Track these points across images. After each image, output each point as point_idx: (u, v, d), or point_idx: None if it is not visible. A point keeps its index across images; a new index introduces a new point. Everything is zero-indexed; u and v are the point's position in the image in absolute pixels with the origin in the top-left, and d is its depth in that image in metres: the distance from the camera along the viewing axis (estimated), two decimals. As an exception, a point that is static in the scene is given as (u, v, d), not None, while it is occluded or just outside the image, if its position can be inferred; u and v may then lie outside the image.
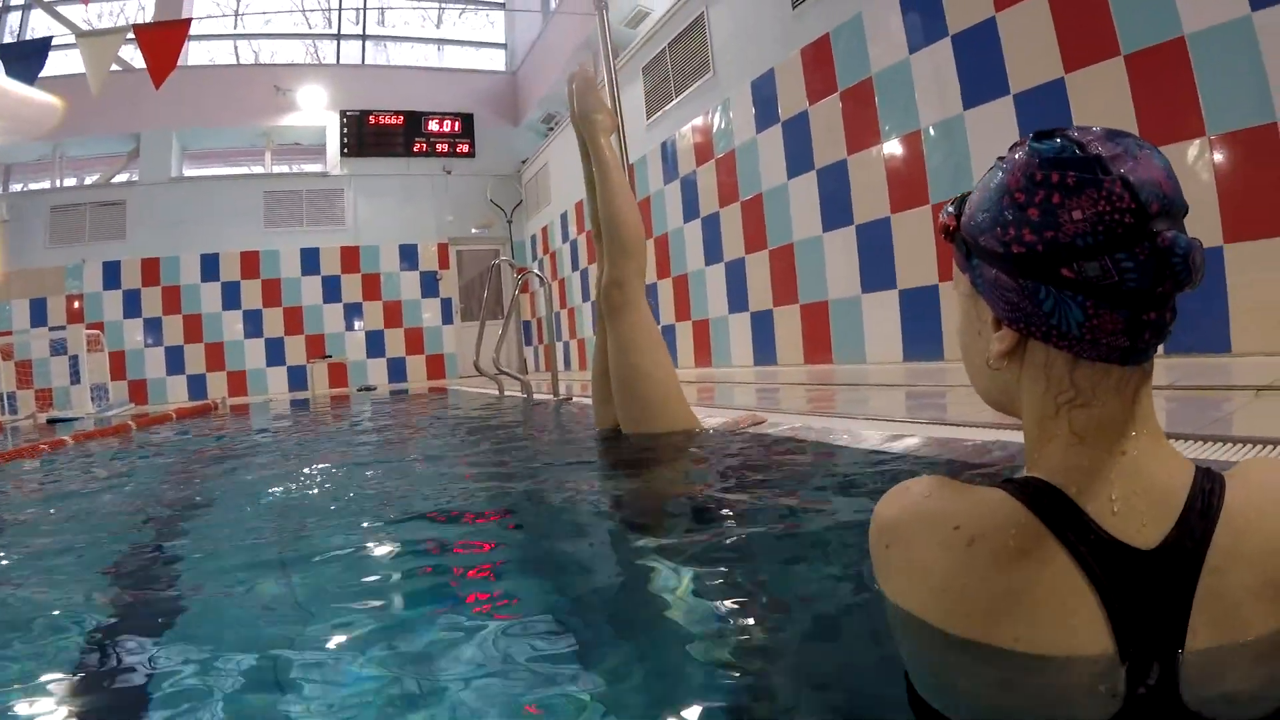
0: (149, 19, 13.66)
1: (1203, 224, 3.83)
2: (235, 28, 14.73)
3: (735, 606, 1.27)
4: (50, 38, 7.06)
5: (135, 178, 13.60)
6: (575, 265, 12.26)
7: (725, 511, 1.93)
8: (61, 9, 12.60)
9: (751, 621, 1.21)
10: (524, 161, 14.74)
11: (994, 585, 0.86)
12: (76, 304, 12.86)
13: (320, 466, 3.60)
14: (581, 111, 3.51)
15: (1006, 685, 0.87)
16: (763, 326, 7.49)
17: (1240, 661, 0.82)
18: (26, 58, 6.94)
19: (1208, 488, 0.87)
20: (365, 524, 2.12)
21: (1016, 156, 0.90)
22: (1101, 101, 4.19)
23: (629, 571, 1.50)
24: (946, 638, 0.90)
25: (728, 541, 1.67)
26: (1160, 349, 2.95)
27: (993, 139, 4.75)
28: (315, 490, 2.88)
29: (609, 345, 3.31)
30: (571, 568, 1.59)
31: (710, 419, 3.52)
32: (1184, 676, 0.81)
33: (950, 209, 1.00)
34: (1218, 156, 3.79)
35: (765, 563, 1.53)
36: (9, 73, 6.94)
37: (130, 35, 6.84)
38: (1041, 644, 0.84)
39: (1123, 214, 0.81)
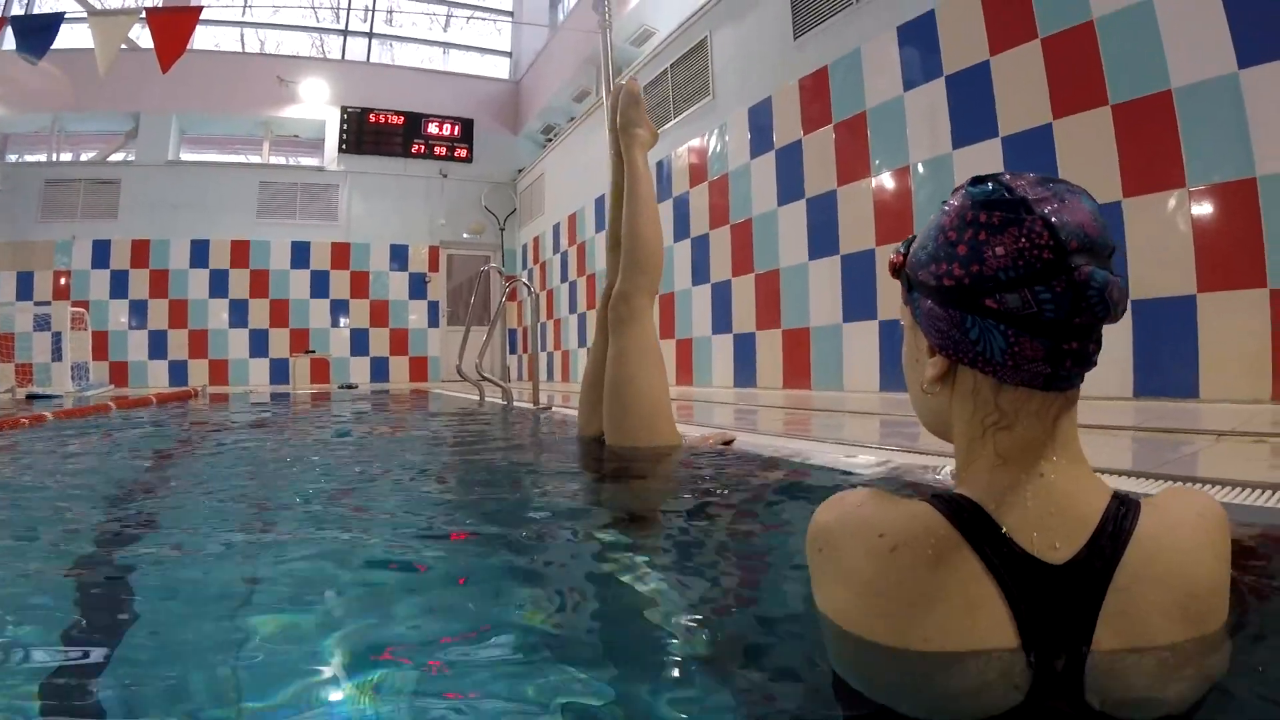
0: (156, 2, 13.72)
1: (1178, 273, 3.93)
2: (243, 15, 14.76)
3: (700, 613, 1.32)
4: (62, 13, 7.10)
5: (132, 158, 13.59)
6: (564, 277, 12.30)
7: (695, 522, 1.97)
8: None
9: (707, 623, 1.26)
10: (520, 170, 14.82)
11: (911, 589, 0.92)
12: (64, 280, 12.79)
13: (293, 461, 3.62)
14: (624, 123, 3.55)
15: (919, 681, 0.93)
16: (745, 349, 7.56)
17: (1144, 668, 0.88)
18: (37, 31, 6.97)
19: (1121, 511, 0.93)
20: (330, 521, 2.15)
21: (954, 201, 0.98)
22: (1087, 148, 4.29)
23: (599, 576, 1.53)
24: (861, 632, 0.96)
25: (695, 550, 1.73)
26: (1130, 391, 3.02)
27: (979, 178, 4.84)
28: (283, 486, 2.90)
29: (609, 355, 3.34)
30: (544, 570, 1.62)
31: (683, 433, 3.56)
32: (1089, 680, 0.87)
33: (900, 248, 1.08)
34: (1196, 208, 3.89)
35: (730, 570, 1.58)
36: (20, 46, 6.97)
37: (141, 17, 6.88)
38: (950, 644, 0.90)
39: (1041, 250, 0.88)
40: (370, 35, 15.33)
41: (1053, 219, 0.89)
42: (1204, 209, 3.87)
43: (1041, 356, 0.91)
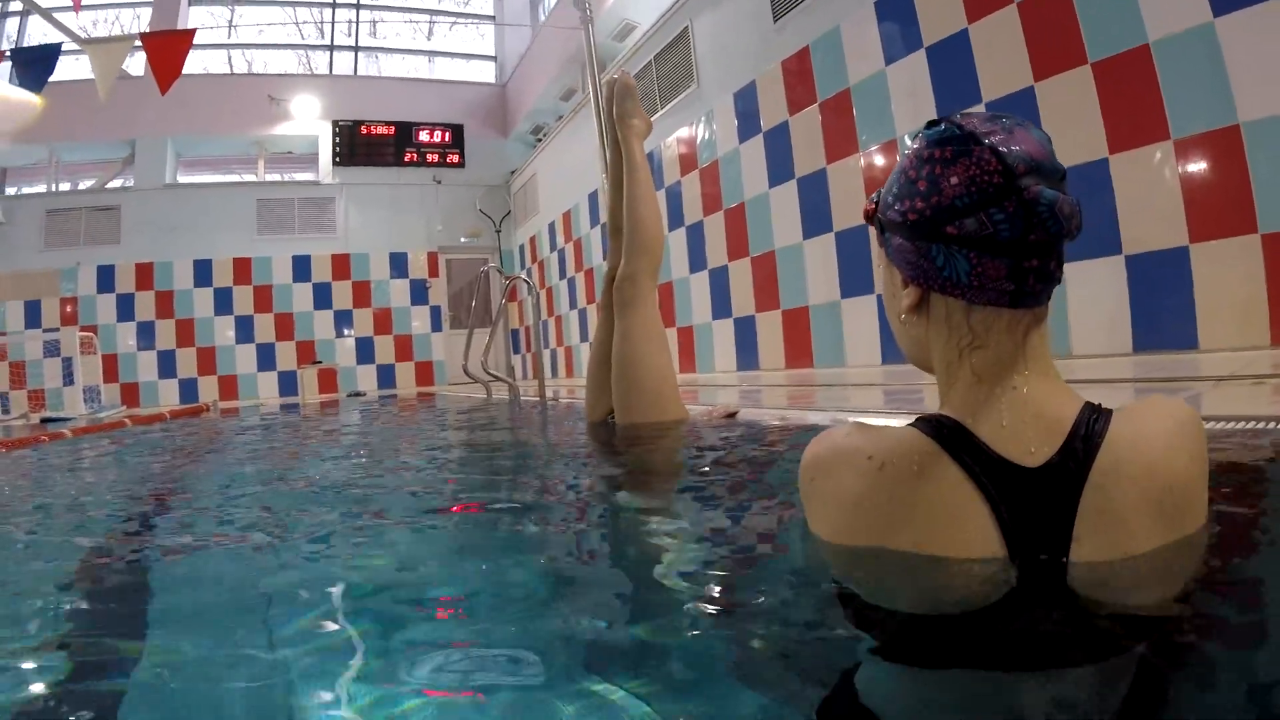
0: (144, 27, 13.82)
1: (1169, 225, 3.97)
2: (229, 38, 14.84)
3: (714, 549, 1.39)
4: (60, 44, 7.15)
5: (130, 183, 13.70)
6: (563, 274, 12.36)
7: (710, 487, 2.04)
8: (57, 16, 12.80)
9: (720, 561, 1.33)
10: (513, 172, 14.88)
11: (899, 500, 1.00)
12: (70, 307, 12.91)
13: (313, 459, 3.70)
14: (620, 114, 3.67)
15: (908, 581, 1.00)
16: (745, 332, 7.60)
17: (1122, 563, 0.94)
18: (37, 63, 7.03)
19: (1092, 418, 1.00)
20: (354, 510, 2.21)
21: (913, 145, 1.07)
22: (1070, 108, 4.33)
23: (624, 543, 1.60)
24: (857, 547, 1.04)
25: (707, 500, 1.82)
26: (1129, 347, 3.08)
27: (966, 146, 4.87)
28: (304, 482, 2.97)
29: (615, 336, 3.44)
30: (566, 543, 1.67)
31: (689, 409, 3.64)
32: (1070, 575, 0.93)
33: (873, 197, 1.17)
34: (1181, 159, 3.92)
35: (740, 515, 1.65)
36: (19, 79, 7.02)
37: (137, 43, 6.94)
38: (937, 548, 0.97)
39: (991, 175, 0.96)
40: (356, 49, 15.40)
41: (1000, 147, 0.97)
42: (1189, 159, 3.90)
43: (1004, 275, 0.98)
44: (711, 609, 1.11)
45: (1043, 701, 0.76)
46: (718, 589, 1.19)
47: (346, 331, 14.12)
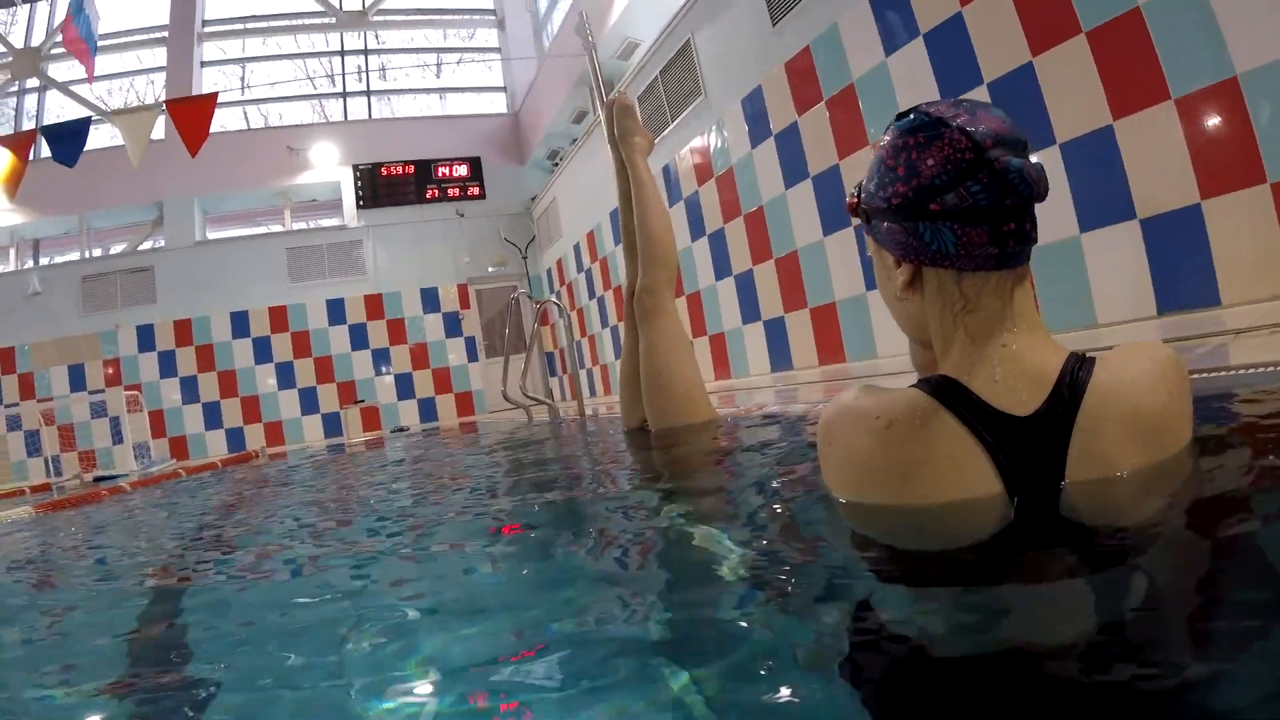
0: (158, 92, 14.26)
1: (1179, 184, 4.00)
2: (243, 94, 15.22)
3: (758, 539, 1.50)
4: (89, 118, 7.48)
5: (161, 244, 14.08)
6: (592, 294, 12.48)
7: (745, 473, 2.15)
8: (78, 90, 13.28)
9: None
10: (533, 198, 15.05)
11: (906, 455, 1.11)
12: (112, 369, 13.28)
13: (369, 488, 3.85)
14: (621, 133, 3.79)
15: (921, 529, 1.11)
16: (776, 333, 7.68)
17: (1110, 490, 1.04)
18: (69, 138, 7.33)
19: (1076, 367, 1.11)
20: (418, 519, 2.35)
21: (887, 137, 1.19)
22: (1069, 79, 4.38)
23: (671, 541, 1.71)
24: (874, 502, 1.15)
25: (748, 491, 1.92)
26: (1153, 310, 3.16)
27: (973, 127, 4.93)
28: (359, 508, 3.11)
29: (640, 347, 3.55)
30: (618, 531, 1.79)
31: (722, 411, 3.75)
32: (1063, 505, 1.04)
33: (854, 190, 1.29)
34: (1184, 117, 3.96)
35: (776, 504, 1.75)
36: (54, 153, 7.33)
37: (163, 111, 7.22)
38: (944, 493, 1.08)
39: (963, 152, 1.08)
40: (369, 93, 15.71)
41: (967, 127, 1.09)
42: (1192, 117, 3.93)
43: (987, 240, 1.10)
44: (751, 572, 1.21)
45: (1041, 608, 0.86)
46: (758, 556, 1.30)
47: (385, 369, 14.34)
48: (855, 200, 1.29)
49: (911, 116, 1.16)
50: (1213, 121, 3.86)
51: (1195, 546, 0.96)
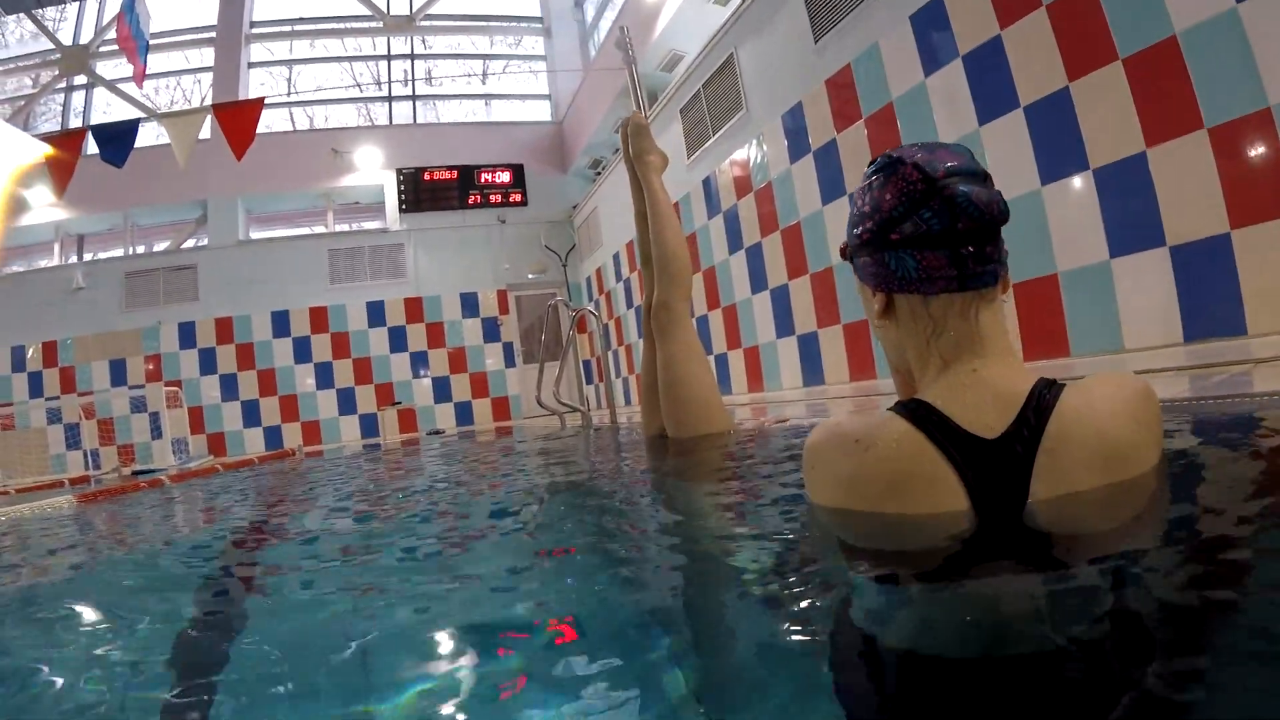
0: (204, 92, 14.61)
1: (1210, 213, 4.01)
2: (289, 95, 15.53)
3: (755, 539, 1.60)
4: (138, 119, 7.71)
5: (204, 243, 14.42)
6: (630, 303, 12.58)
7: (751, 481, 2.24)
8: (127, 89, 13.65)
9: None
10: (575, 206, 15.21)
11: (884, 475, 1.20)
12: (153, 364, 13.57)
13: (404, 489, 3.98)
14: (635, 152, 3.92)
15: (895, 539, 1.19)
16: (809, 349, 7.73)
17: (1072, 509, 1.12)
18: (118, 138, 7.56)
19: (1044, 391, 1.18)
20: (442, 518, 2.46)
21: (860, 183, 1.31)
22: (1104, 105, 4.41)
23: (669, 539, 1.82)
24: (854, 514, 1.24)
25: (752, 499, 2.01)
26: (1180, 337, 3.21)
27: (1007, 151, 4.97)
28: (395, 508, 3.23)
29: (659, 360, 3.64)
30: (625, 530, 1.90)
31: (743, 423, 3.83)
32: (1026, 520, 1.12)
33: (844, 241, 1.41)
34: (1217, 147, 3.97)
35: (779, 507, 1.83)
36: (103, 153, 7.56)
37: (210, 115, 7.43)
38: (917, 510, 1.17)
39: (915, 184, 1.19)
40: (414, 98, 15.97)
41: (918, 161, 1.20)
42: (1225, 146, 3.95)
43: (947, 263, 1.20)
44: (742, 574, 1.31)
45: (1002, 607, 0.94)
46: (749, 560, 1.39)
47: (423, 372, 14.54)
48: (844, 246, 1.41)
49: (878, 160, 1.29)
50: (1245, 151, 3.87)
51: (1145, 561, 1.02)
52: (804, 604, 1.09)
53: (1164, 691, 0.67)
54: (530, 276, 15.11)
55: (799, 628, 1.00)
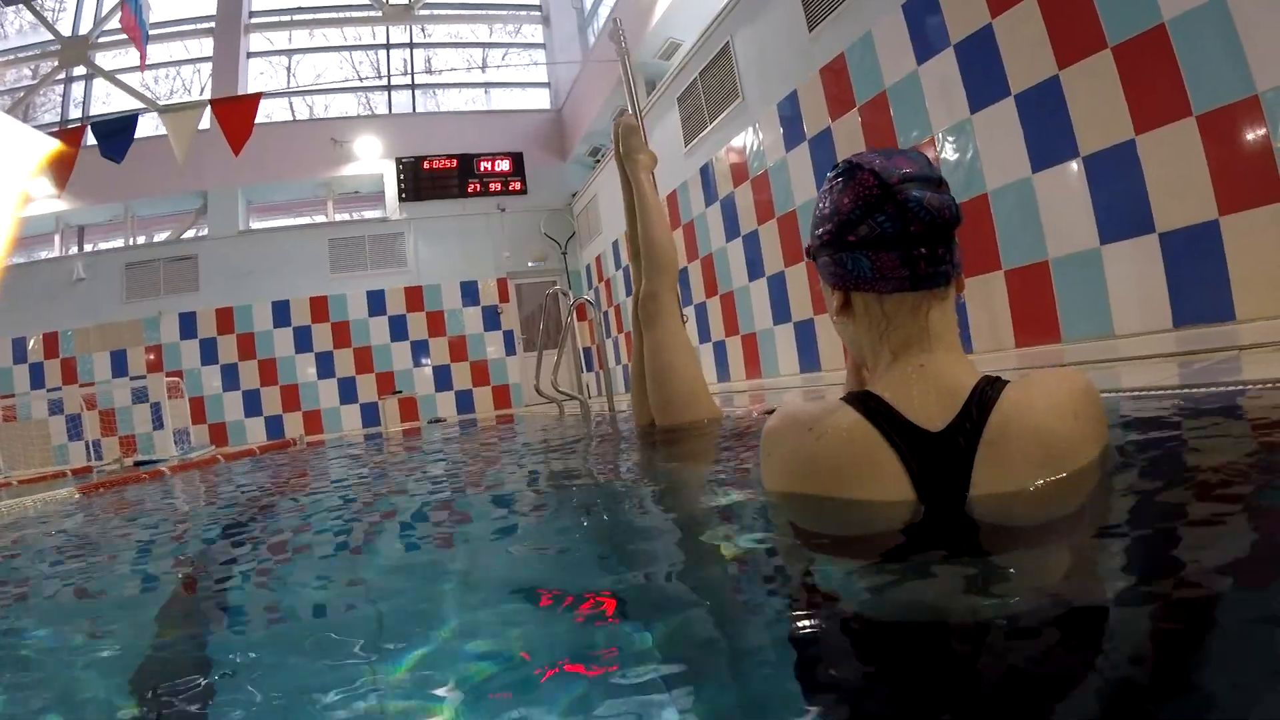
0: (204, 82, 14.62)
1: (1198, 200, 4.04)
2: (288, 84, 15.53)
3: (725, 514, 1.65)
4: (137, 113, 7.72)
5: (204, 233, 14.45)
6: (629, 291, 12.57)
7: (734, 465, 2.29)
8: (128, 82, 13.65)
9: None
10: (574, 194, 15.23)
11: (833, 461, 1.26)
12: (154, 355, 13.60)
13: (402, 478, 4.03)
14: (625, 151, 4.02)
15: (843, 522, 1.25)
16: (806, 336, 7.77)
17: (1010, 499, 1.18)
18: (117, 134, 7.58)
19: (986, 387, 1.24)
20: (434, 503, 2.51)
21: (822, 186, 1.36)
22: (1093, 92, 4.43)
23: (643, 520, 1.89)
24: (805, 498, 1.29)
25: (726, 483, 2.06)
26: (1169, 322, 3.26)
27: (999, 139, 5.00)
28: (390, 489, 3.29)
29: (645, 349, 3.72)
30: (613, 525, 1.95)
31: (729, 409, 3.90)
32: (966, 510, 1.17)
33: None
34: (1205, 134, 3.99)
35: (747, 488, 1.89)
36: (103, 148, 7.58)
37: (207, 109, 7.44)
38: (863, 495, 1.23)
39: (871, 189, 1.25)
40: (413, 86, 15.96)
41: (875, 167, 1.25)
42: (1213, 133, 3.97)
43: (899, 264, 1.25)
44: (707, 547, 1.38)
45: (936, 587, 0.98)
46: (713, 537, 1.45)
47: (424, 361, 14.59)
48: (809, 245, 1.46)
49: (839, 166, 1.34)
50: (1233, 138, 3.89)
51: (1077, 549, 1.07)
52: (760, 581, 1.15)
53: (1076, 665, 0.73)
54: (530, 265, 15.14)
55: (756, 603, 1.06)
